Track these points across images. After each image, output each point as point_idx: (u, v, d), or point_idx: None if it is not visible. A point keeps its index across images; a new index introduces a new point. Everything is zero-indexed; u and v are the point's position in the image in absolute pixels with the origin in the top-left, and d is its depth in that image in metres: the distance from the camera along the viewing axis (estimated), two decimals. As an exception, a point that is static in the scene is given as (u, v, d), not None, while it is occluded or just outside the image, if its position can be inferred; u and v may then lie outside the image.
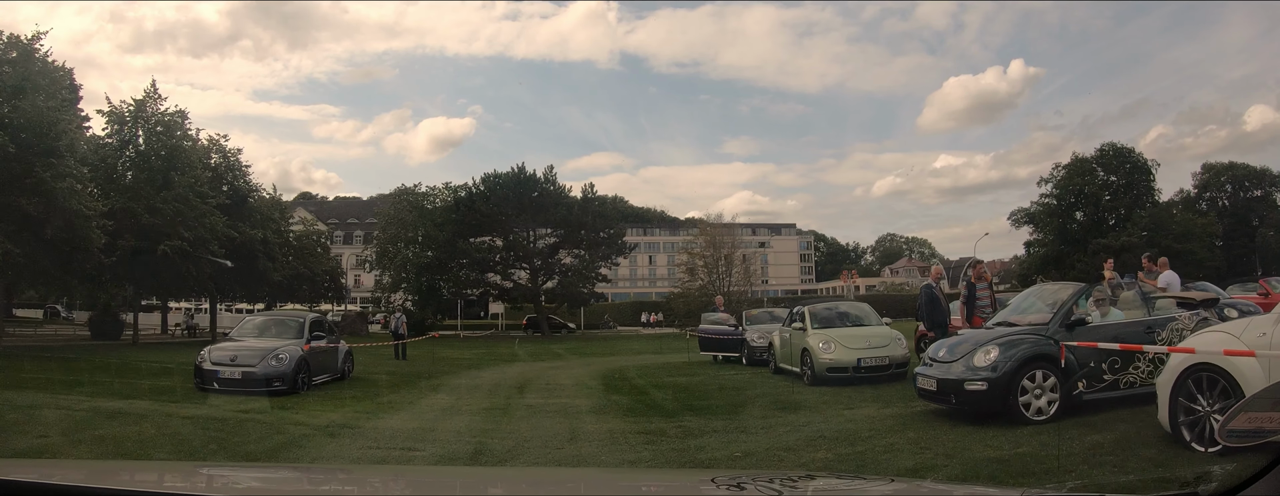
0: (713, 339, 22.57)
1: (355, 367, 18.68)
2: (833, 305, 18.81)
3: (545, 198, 53.23)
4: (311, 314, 17.75)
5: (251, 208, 40.08)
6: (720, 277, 53.69)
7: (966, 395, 9.53)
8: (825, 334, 15.96)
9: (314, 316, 17.47)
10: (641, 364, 23.25)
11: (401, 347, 25.20)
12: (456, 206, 52.96)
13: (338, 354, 17.35)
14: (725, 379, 17.49)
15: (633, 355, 28.62)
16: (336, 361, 17.20)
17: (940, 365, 10.21)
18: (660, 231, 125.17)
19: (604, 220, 53.76)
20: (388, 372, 19.82)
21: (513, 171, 53.25)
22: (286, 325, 16.32)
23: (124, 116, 34.99)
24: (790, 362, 16.80)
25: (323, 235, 53.90)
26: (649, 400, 13.91)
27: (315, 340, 15.98)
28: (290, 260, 44.42)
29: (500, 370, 21.75)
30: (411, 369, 21.45)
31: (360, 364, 20.19)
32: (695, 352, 23.56)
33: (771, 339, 18.94)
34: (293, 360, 14.65)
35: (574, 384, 17.43)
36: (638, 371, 20.46)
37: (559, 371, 21.26)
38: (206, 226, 33.03)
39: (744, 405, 12.87)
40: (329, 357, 16.81)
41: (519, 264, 54.68)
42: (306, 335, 15.81)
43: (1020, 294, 14.05)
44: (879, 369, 14.94)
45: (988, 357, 9.64)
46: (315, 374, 15.71)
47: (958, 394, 9.66)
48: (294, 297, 47.48)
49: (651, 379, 18.15)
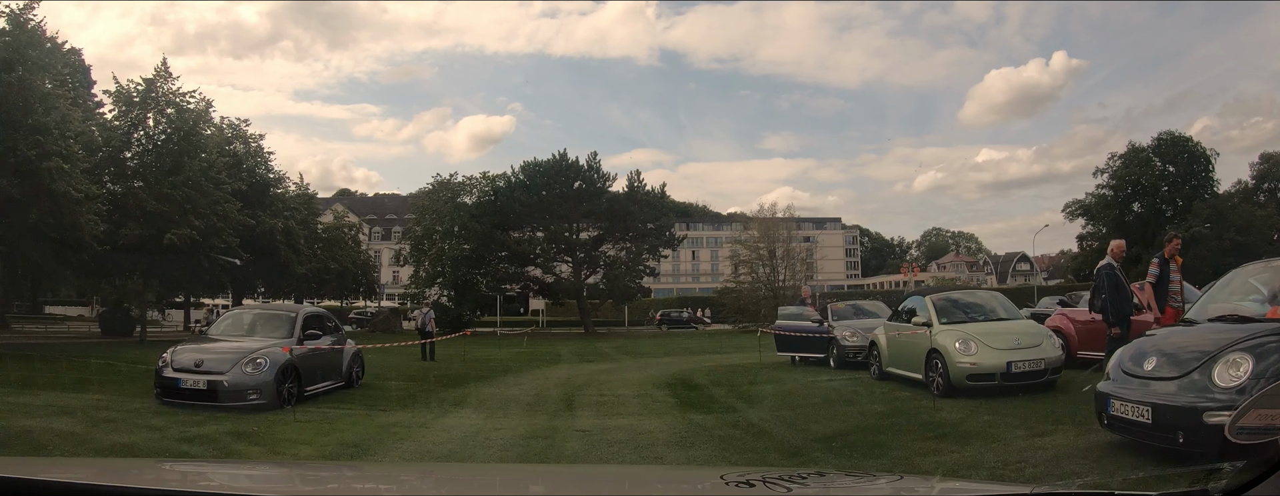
0: (793, 337, 18.95)
1: (369, 371, 15.47)
2: (956, 294, 15.10)
3: (588, 187, 49.78)
4: (309, 308, 14.25)
5: (273, 197, 37.10)
6: (774, 272, 49.82)
7: (1207, 432, 5.77)
8: (960, 331, 12.41)
9: (310, 310, 14.09)
10: (707, 366, 19.78)
11: (429, 347, 21.88)
12: (495, 196, 49.74)
13: (342, 356, 13.97)
14: (824, 388, 13.93)
15: (690, 355, 25.08)
16: (341, 365, 13.83)
17: (1143, 381, 6.76)
18: (703, 226, 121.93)
19: (651, 209, 50.09)
20: (407, 378, 16.42)
21: (554, 159, 49.79)
22: (274, 321, 12.94)
23: (131, 96, 32.12)
24: (907, 367, 13.44)
25: (354, 228, 50.93)
26: (745, 422, 10.31)
27: (310, 339, 12.62)
28: (318, 252, 41.50)
29: (542, 374, 18.25)
30: (437, 372, 18.09)
31: (379, 366, 17.22)
32: (767, 352, 20.02)
33: (874, 338, 15.32)
34: (273, 366, 11.27)
35: (635, 394, 13.87)
36: (707, 376, 16.93)
37: (611, 376, 17.71)
38: (219, 214, 29.98)
39: (881, 431, 9.26)
40: (330, 361, 13.44)
41: (561, 257, 51.27)
42: (297, 334, 12.45)
43: (1226, 276, 10.20)
44: (1032, 376, 11.57)
45: (1237, 373, 6.09)
46: (311, 382, 12.36)
47: (1191, 429, 6.03)
48: (322, 293, 44.62)
49: (730, 386, 14.59)
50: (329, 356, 13.32)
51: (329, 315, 14.78)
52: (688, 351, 27.36)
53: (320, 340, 13.01)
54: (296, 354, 11.94)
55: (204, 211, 29.62)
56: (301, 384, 11.92)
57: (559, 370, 19.63)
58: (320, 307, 15.83)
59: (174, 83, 32.84)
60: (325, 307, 55.34)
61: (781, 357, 19.23)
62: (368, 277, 49.04)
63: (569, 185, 49.66)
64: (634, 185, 50.47)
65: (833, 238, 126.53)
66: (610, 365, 21.43)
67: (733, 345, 29.16)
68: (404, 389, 14.37)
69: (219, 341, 12.38)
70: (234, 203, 31.04)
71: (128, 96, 32.17)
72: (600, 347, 31.21)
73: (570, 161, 49.53)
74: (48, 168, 22.75)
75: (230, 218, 30.56)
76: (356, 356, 14.53)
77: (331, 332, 14.06)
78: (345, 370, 13.89)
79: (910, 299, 15.26)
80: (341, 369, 13.80)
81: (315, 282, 42.19)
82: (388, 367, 18.07)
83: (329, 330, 13.92)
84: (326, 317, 14.35)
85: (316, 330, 13.00)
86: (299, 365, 11.88)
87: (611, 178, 50.42)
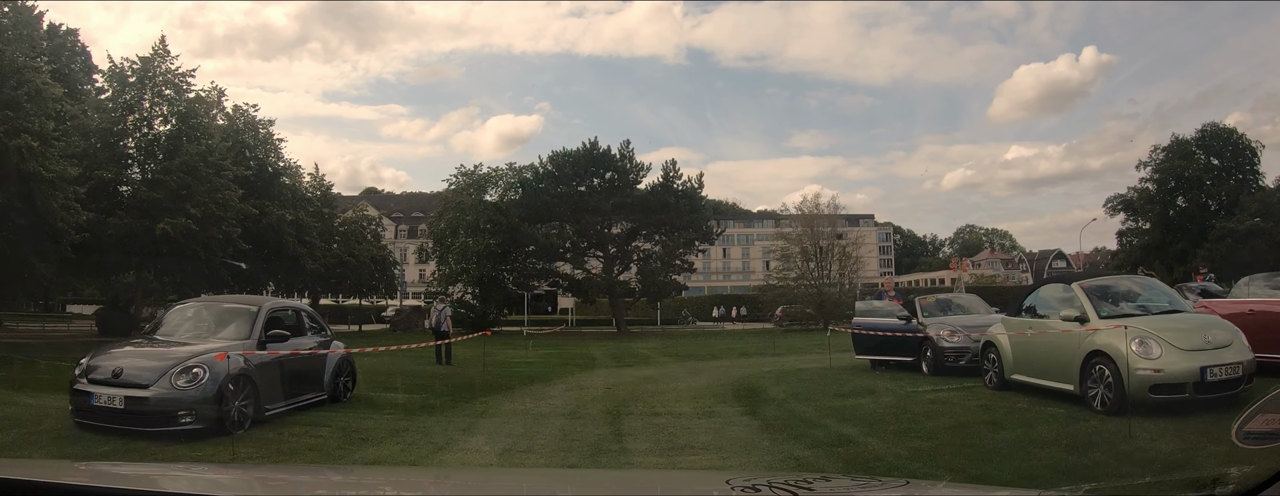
0: (877, 337, 15.82)
1: (369, 379, 12.63)
2: (1106, 280, 11.92)
3: (621, 178, 46.67)
4: (276, 300, 11.11)
5: (283, 187, 34.34)
6: (819, 267, 46.42)
7: None
8: (1134, 327, 9.32)
9: (278, 304, 10.95)
10: (767, 371, 16.77)
11: (444, 349, 18.90)
12: (522, 189, 46.79)
13: (325, 363, 10.94)
14: (938, 402, 11.04)
15: (741, 357, 21.98)
16: (321, 375, 10.80)
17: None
18: (733, 224, 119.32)
19: (688, 201, 46.85)
20: (413, 388, 13.38)
21: (584, 149, 46.69)
22: (229, 316, 9.91)
23: (125, 76, 29.49)
24: (1045, 375, 10.63)
25: (373, 221, 48.16)
26: (870, 456, 7.21)
27: (275, 342, 9.59)
28: (335, 248, 38.74)
29: (575, 382, 15.11)
30: (451, 379, 15.08)
31: (383, 372, 14.63)
32: (838, 354, 16.96)
33: (991, 338, 12.24)
34: (215, 378, 8.28)
35: (698, 412, 10.73)
36: (776, 384, 13.83)
37: (659, 385, 14.51)
38: (218, 202, 27.20)
39: (1092, 472, 6.15)
40: (305, 370, 10.40)
41: (592, 252, 48.18)
42: (256, 334, 9.44)
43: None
44: (1229, 385, 8.86)
45: None
46: (274, 397, 9.36)
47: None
48: (339, 289, 41.90)
49: (813, 400, 11.50)
50: (303, 363, 10.28)
51: (307, 311, 11.73)
52: (737, 353, 24.21)
53: (290, 342, 9.95)
54: (253, 361, 8.94)
55: (201, 199, 26.86)
56: (259, 400, 8.90)
57: (595, 376, 16.49)
58: (298, 302, 12.46)
59: (173, 62, 30.24)
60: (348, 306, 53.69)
61: (857, 361, 16.33)
62: (388, 275, 46.15)
63: (600, 176, 46.62)
64: (669, 176, 47.24)
65: (866, 235, 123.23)
66: (653, 370, 18.29)
67: (785, 346, 25.96)
68: (403, 404, 11.31)
69: (159, 344, 9.39)
70: (235, 189, 28.24)
71: (122, 75, 29.56)
72: (637, 349, 28.11)
73: (601, 151, 46.46)
74: (16, 145, 20.04)
75: (231, 206, 27.77)
76: (345, 362, 11.52)
77: (310, 332, 11.07)
78: (328, 380, 10.86)
79: (1044, 287, 12.22)
80: (323, 379, 10.78)
81: (330, 279, 39.35)
82: (393, 374, 15.14)
83: (305, 329, 10.92)
84: (303, 313, 11.32)
85: (284, 330, 9.94)
86: (256, 376, 8.88)
87: (645, 169, 47.31)
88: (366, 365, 15.51)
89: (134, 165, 28.12)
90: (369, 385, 12.97)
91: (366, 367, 15.32)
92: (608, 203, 46.46)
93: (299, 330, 10.66)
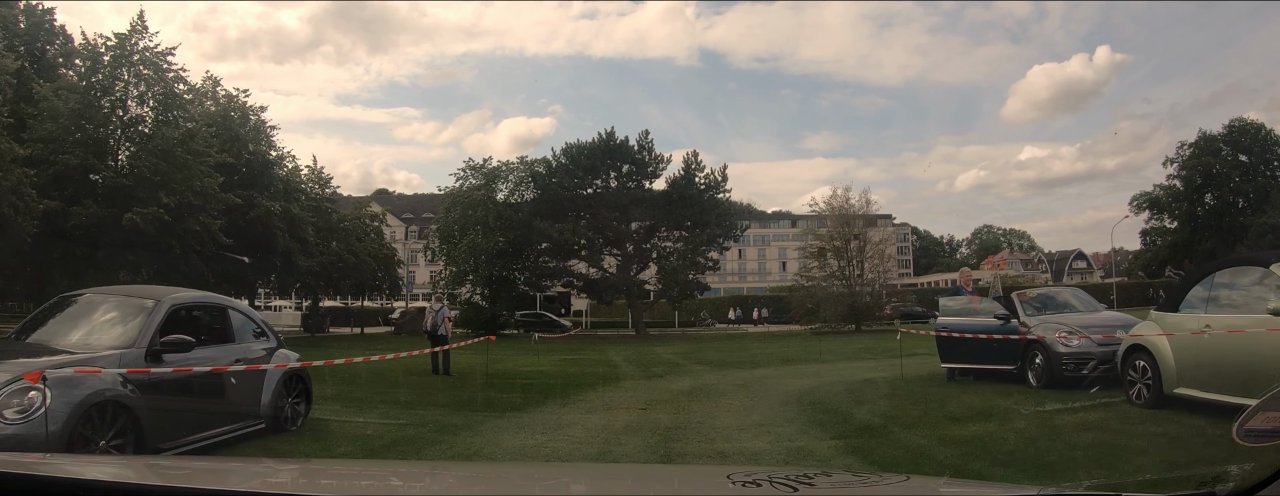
0: (968, 340, 12.92)
1: (340, 394, 9.98)
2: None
3: (639, 170, 43.78)
4: (184, 293, 7.88)
5: (275, 178, 31.54)
6: (850, 266, 43.33)
7: None
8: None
9: (186, 298, 7.79)
10: (829, 381, 13.96)
11: (442, 356, 16.00)
12: (534, 183, 43.98)
13: (262, 381, 8.01)
14: (1089, 428, 8.36)
15: (785, 365, 19.08)
16: (256, 396, 7.87)
17: None
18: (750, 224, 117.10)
19: (711, 194, 43.86)
20: (393, 408, 10.38)
21: (599, 140, 43.81)
22: (111, 315, 6.96)
23: (99, 54, 26.77)
24: (1231, 389, 7.84)
25: (376, 218, 45.34)
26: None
27: (174, 350, 6.66)
28: (334, 246, 35.94)
29: (599, 400, 12.04)
30: (445, 395, 12.18)
31: (363, 384, 12.06)
32: (912, 360, 14.11)
33: (1143, 341, 9.38)
34: (64, 408, 5.37)
35: (782, 450, 7.74)
36: (854, 402, 10.91)
37: (709, 405, 11.41)
38: (196, 191, 24.39)
39: None
40: (227, 391, 7.47)
41: (608, 249, 45.25)
42: (145, 341, 6.52)
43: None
44: None
45: None
46: (174, 434, 6.45)
47: None
48: (338, 289, 39.13)
49: (926, 429, 8.65)
50: (223, 382, 7.35)
51: (241, 309, 8.66)
52: (778, 359, 21.25)
53: (199, 353, 7.02)
54: (135, 381, 6.03)
55: (178, 187, 24.06)
56: (142, 437, 5.98)
57: (622, 391, 13.45)
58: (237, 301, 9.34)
59: (152, 39, 27.50)
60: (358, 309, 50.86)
61: (933, 370, 13.61)
62: (391, 274, 43.32)
63: (617, 169, 43.75)
64: (690, 168, 44.31)
65: (885, 235, 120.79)
66: (689, 381, 15.24)
67: (828, 351, 23.01)
68: (371, 436, 8.33)
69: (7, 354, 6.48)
70: (216, 176, 25.40)
71: (95, 53, 26.84)
72: (661, 354, 25.12)
73: (618, 142, 43.57)
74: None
75: (210, 195, 24.94)
76: (295, 379, 8.57)
77: (246, 338, 8.15)
78: (267, 402, 7.93)
79: (1224, 272, 9.33)
80: (259, 401, 7.86)
81: (327, 278, 36.53)
82: (375, 387, 12.27)
83: (234, 334, 7.98)
84: (233, 313, 8.27)
85: (193, 334, 6.98)
86: (136, 403, 5.96)
87: (665, 161, 44.38)
88: (346, 376, 12.69)
89: (106, 150, 25.35)
90: (339, 404, 10.09)
91: (345, 379, 12.50)
92: (625, 197, 43.62)
93: (222, 335, 7.76)
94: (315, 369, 10.35)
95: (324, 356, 12.12)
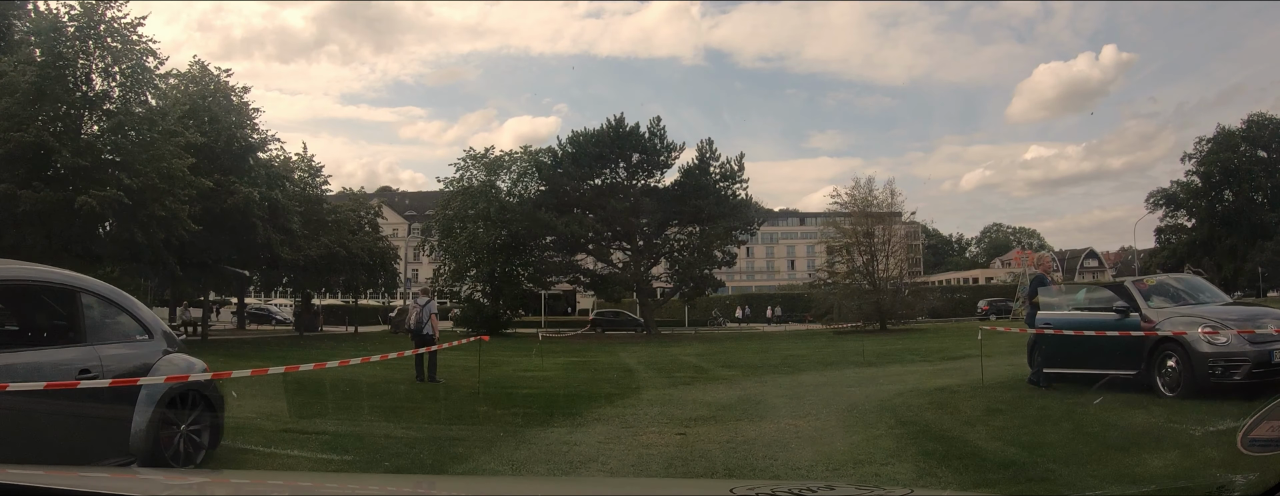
0: (1081, 340, 10.43)
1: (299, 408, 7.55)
2: None
3: (650, 159, 41.19)
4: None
5: (257, 162, 29.00)
6: (874, 260, 40.70)
7: None
8: None
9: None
10: (902, 391, 11.37)
11: (428, 359, 13.44)
12: (538, 173, 41.39)
13: (133, 401, 5.38)
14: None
15: (828, 369, 16.47)
16: (122, 423, 5.27)
17: None
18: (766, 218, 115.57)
19: (728, 185, 41.24)
20: (346, 434, 7.77)
21: (608, 126, 41.14)
22: None
23: (61, 24, 24.24)
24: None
25: (372, 210, 42.82)
26: None
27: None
28: (324, 240, 33.41)
29: (619, 419, 9.30)
30: (421, 412, 9.61)
31: (330, 391, 9.68)
32: (995, 362, 11.65)
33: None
34: None
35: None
36: (960, 421, 8.44)
37: (765, 427, 8.63)
38: (162, 172, 21.85)
39: None
40: (78, 416, 4.90)
41: (617, 243, 42.64)
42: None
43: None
44: None
45: None
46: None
47: None
48: (330, 285, 36.62)
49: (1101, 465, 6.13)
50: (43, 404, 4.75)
51: (98, 291, 5.75)
52: (815, 362, 18.65)
53: (20, 356, 4.47)
54: None
55: (141, 168, 21.52)
56: None
57: (647, 405, 10.75)
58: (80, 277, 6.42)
59: (120, 9, 24.94)
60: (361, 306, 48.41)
61: (1014, 372, 11.56)
62: (387, 269, 40.76)
63: (626, 158, 41.13)
64: (705, 157, 41.65)
65: (910, 228, 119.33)
66: (724, 391, 12.57)
67: (869, 352, 20.40)
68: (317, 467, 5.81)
69: None
70: (185, 157, 22.84)
71: (54, 23, 24.31)
72: (679, 356, 22.55)
73: (628, 129, 40.88)
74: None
75: (178, 178, 22.38)
76: (195, 396, 5.96)
77: (98, 336, 5.56)
78: (140, 431, 5.34)
79: None
80: (128, 431, 5.28)
81: (320, 273, 34.02)
82: (339, 400, 9.73)
83: (85, 332, 5.38)
84: (86, 296, 5.52)
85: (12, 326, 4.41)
86: None
87: (678, 149, 41.73)
88: (311, 386, 10.16)
89: (67, 128, 22.85)
90: (277, 427, 7.55)
91: (306, 389, 9.97)
92: (635, 187, 41.03)
93: (67, 332, 5.20)
94: (267, 378, 7.87)
95: (306, 357, 9.97)
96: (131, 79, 24.43)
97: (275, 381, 9.15)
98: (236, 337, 33.29)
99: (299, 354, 19.77)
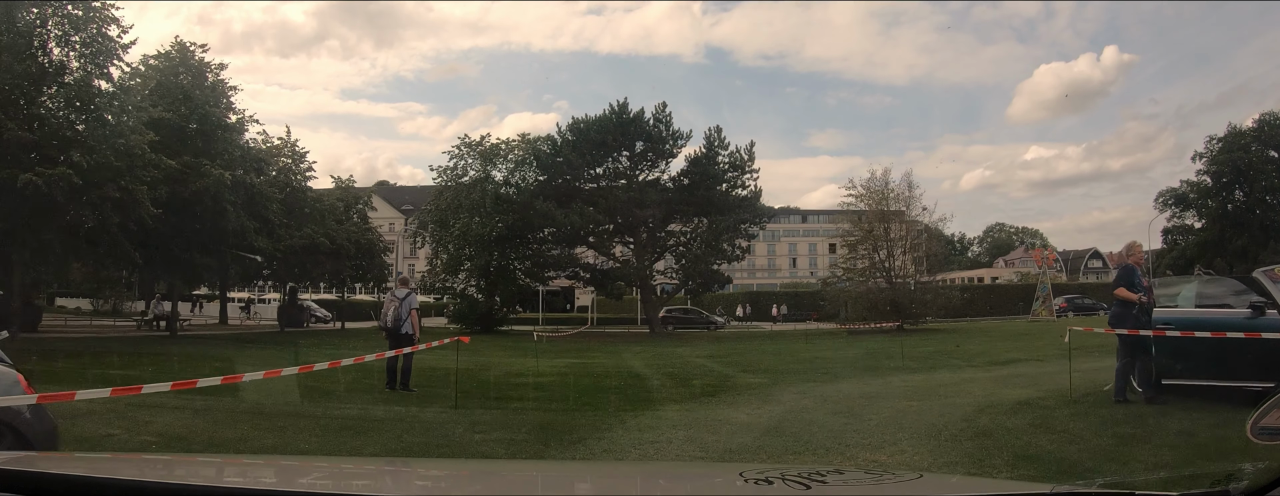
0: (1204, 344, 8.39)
1: (209, 432, 5.28)
2: None
3: (655, 148, 38.99)
4: None
5: (231, 143, 26.75)
6: (890, 256, 38.58)
7: None
8: None
9: None
10: (977, 403, 9.45)
11: (402, 363, 11.27)
12: (537, 162, 39.20)
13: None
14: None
15: (870, 375, 14.37)
16: None
17: None
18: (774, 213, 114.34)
19: (736, 175, 39.05)
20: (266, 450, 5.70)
21: (610, 112, 38.87)
22: None
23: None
24: None
25: (360, 199, 40.61)
26: None
27: None
28: (307, 230, 31.22)
29: (638, 448, 7.22)
30: (373, 440, 7.43)
31: (251, 415, 6.85)
32: (1084, 363, 9.70)
33: None
34: None
35: None
36: (1074, 448, 6.31)
37: (832, 459, 6.66)
38: (119, 150, 19.64)
39: None
40: None
41: (620, 236, 40.46)
42: None
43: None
44: None
45: None
46: None
47: None
48: (310, 277, 34.40)
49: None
50: None
51: None
52: (850, 366, 16.51)
53: None
54: None
55: (95, 144, 19.32)
56: None
57: (667, 426, 8.49)
58: None
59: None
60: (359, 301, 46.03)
61: (1095, 378, 9.92)
62: (375, 262, 38.56)
63: (630, 147, 38.92)
64: (713, 146, 39.39)
65: (931, 220, 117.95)
66: (761, 405, 10.29)
67: (904, 354, 18.22)
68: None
69: None
70: (146, 134, 20.63)
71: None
72: (691, 358, 20.40)
73: (631, 115, 38.59)
74: None
75: (138, 156, 20.16)
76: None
77: None
78: None
79: None
80: None
81: (300, 265, 31.81)
82: (280, 415, 7.56)
83: None
84: None
85: None
86: None
87: (685, 137, 39.47)
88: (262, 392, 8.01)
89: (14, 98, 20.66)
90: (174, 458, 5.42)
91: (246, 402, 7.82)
92: (639, 178, 38.84)
93: None
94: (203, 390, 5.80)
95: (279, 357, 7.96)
96: (92, 49, 22.26)
97: (187, 397, 6.99)
98: (212, 333, 31.17)
99: (262, 356, 17.53)
